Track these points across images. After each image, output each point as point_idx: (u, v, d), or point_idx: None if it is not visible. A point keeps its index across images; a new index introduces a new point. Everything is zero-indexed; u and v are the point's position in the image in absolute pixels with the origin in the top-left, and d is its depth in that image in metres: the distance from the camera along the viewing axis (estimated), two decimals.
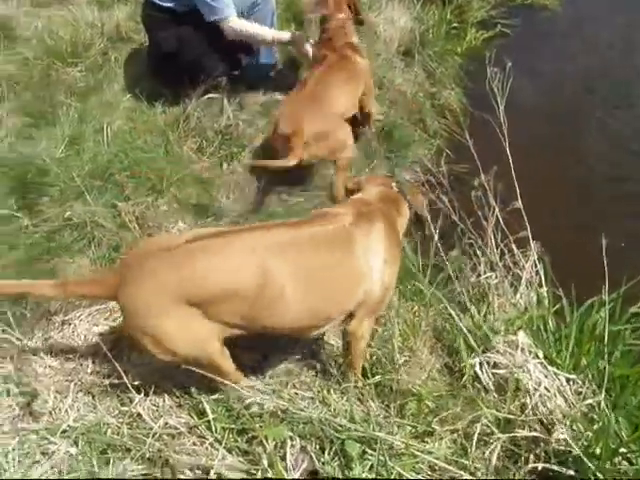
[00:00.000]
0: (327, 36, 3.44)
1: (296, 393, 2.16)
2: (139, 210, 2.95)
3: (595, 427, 1.90)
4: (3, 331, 2.42)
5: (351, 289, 2.00)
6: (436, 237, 2.76)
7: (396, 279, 2.13)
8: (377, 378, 2.19)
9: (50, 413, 2.17)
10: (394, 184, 2.29)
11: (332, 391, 2.12)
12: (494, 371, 2.16)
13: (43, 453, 2.03)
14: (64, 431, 2.07)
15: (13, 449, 2.03)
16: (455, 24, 5.23)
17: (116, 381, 2.23)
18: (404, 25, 4.61)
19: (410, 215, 2.29)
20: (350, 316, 2.06)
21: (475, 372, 2.19)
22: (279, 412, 2.00)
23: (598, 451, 1.83)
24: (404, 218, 2.25)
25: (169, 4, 3.35)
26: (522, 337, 2.20)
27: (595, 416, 1.97)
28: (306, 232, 1.96)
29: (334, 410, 2.01)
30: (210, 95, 3.47)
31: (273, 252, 1.87)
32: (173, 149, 3.27)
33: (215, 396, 2.12)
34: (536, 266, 2.72)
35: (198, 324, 1.85)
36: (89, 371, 2.32)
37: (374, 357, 2.28)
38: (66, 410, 2.17)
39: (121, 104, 3.66)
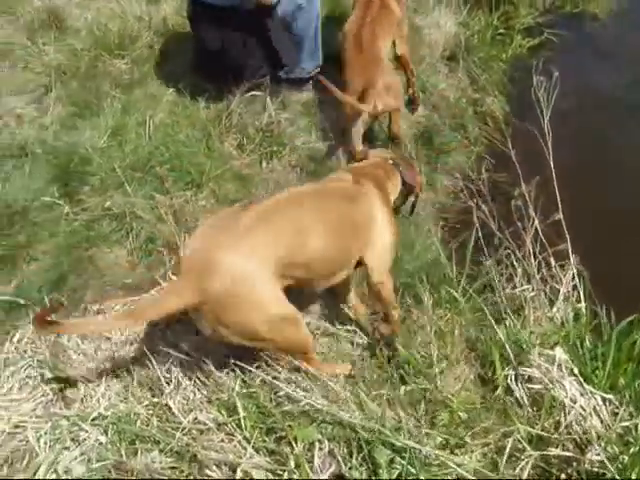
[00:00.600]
0: None
1: (327, 393, 2.15)
2: (178, 203, 2.97)
3: (631, 450, 1.85)
4: None
5: (362, 233, 2.28)
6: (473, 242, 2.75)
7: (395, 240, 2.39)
8: (413, 386, 2.18)
9: (82, 400, 2.21)
10: (390, 157, 2.64)
11: (364, 395, 2.10)
12: (529, 385, 2.12)
13: (73, 439, 2.06)
14: (94, 419, 2.10)
15: (45, 433, 2.07)
16: (501, 30, 5.12)
17: (148, 372, 2.26)
18: (449, 30, 4.56)
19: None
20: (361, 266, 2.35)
21: (509, 385, 2.16)
22: (310, 412, 2.00)
23: (634, 476, 1.78)
24: (395, 186, 2.56)
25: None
26: (559, 352, 2.15)
27: (631, 439, 1.92)
28: (325, 188, 2.34)
29: (366, 414, 1.99)
30: (253, 93, 3.48)
31: (309, 205, 2.16)
32: (214, 144, 3.29)
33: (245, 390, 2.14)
34: (574, 280, 2.67)
35: (277, 284, 2.00)
36: (122, 360, 2.35)
37: (409, 365, 2.25)
38: (98, 398, 2.20)
39: (164, 97, 3.68)
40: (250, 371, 2.17)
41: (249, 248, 1.93)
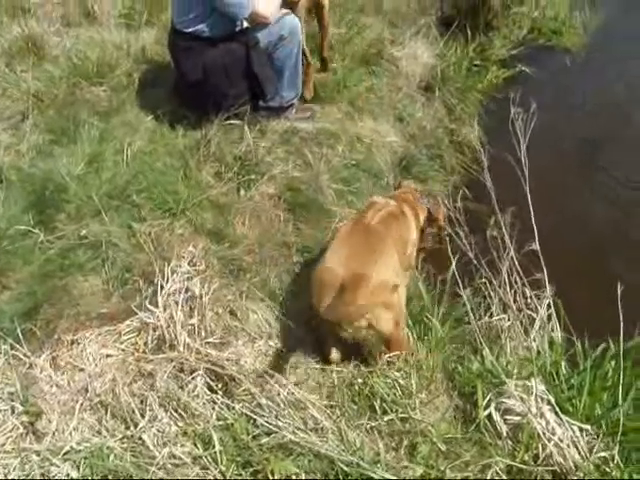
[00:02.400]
0: None
1: (305, 424, 2.13)
2: (155, 232, 2.95)
3: None
4: (12, 347, 2.40)
5: (406, 245, 2.78)
6: (452, 272, 2.76)
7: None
8: (392, 416, 2.16)
9: (54, 434, 2.15)
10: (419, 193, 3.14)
11: (344, 424, 2.09)
12: (507, 417, 2.12)
13: (44, 475, 2.00)
14: (66, 453, 2.05)
15: (14, 469, 2.01)
16: (477, 62, 5.27)
17: (122, 404, 2.22)
18: (426, 61, 4.66)
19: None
20: None
21: (488, 417, 2.15)
22: (288, 444, 1.97)
23: None
24: (422, 211, 3.01)
25: (192, 29, 3.39)
26: (536, 383, 2.15)
27: (608, 469, 1.92)
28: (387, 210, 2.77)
29: (345, 445, 1.97)
30: (231, 121, 3.49)
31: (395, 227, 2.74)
32: (192, 173, 3.28)
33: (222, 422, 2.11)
34: (550, 309, 2.69)
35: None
36: (96, 392, 2.30)
37: (388, 396, 2.24)
38: (70, 432, 2.15)
39: (142, 125, 3.68)
40: (227, 403, 2.15)
41: (385, 265, 2.47)
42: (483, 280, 2.82)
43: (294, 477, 1.91)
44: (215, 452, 1.97)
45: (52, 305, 2.68)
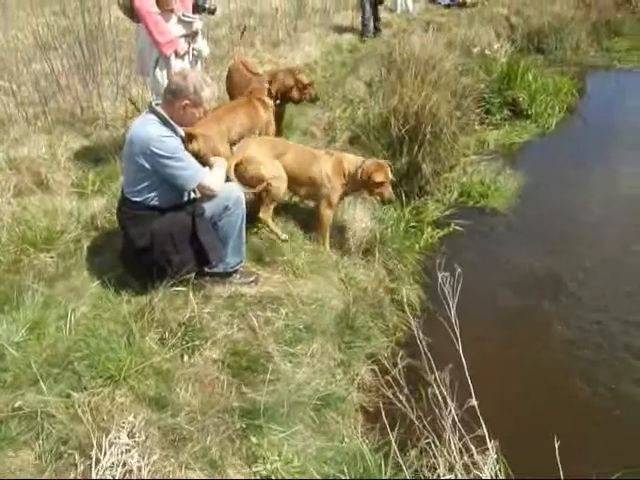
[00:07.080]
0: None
1: None
2: (94, 401, 2.88)
3: None
4: None
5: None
6: (394, 437, 2.76)
7: None
8: None
9: None
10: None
11: None
12: None
13: None
14: None
15: None
16: (413, 223, 5.70)
17: None
18: (365, 225, 4.94)
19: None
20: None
21: None
22: None
23: None
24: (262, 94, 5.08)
25: (141, 198, 3.57)
26: None
27: None
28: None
29: None
30: (176, 288, 3.57)
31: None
32: (135, 339, 3.27)
33: None
34: (495, 467, 2.69)
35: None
36: None
37: None
38: None
39: (88, 291, 3.71)
40: None
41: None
42: (427, 440, 2.82)
43: None
44: None
45: None
